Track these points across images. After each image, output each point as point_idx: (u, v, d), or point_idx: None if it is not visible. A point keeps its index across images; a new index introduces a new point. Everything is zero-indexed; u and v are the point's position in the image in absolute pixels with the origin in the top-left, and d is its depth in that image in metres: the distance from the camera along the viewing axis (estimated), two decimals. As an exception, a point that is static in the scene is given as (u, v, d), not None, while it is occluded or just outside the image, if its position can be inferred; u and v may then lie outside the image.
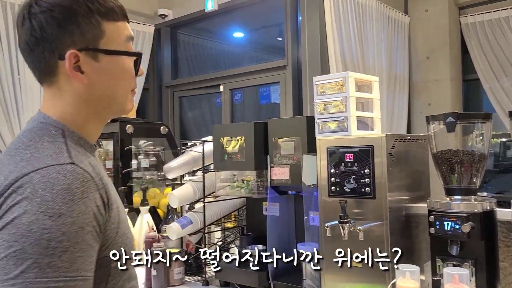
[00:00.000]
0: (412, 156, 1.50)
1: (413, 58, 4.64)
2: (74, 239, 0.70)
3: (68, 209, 0.70)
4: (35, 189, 0.71)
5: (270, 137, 1.63)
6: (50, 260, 0.68)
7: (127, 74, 0.88)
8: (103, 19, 0.84)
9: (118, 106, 0.90)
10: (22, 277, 0.67)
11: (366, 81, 1.50)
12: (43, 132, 0.82)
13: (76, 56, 0.81)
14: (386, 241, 1.35)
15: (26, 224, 0.68)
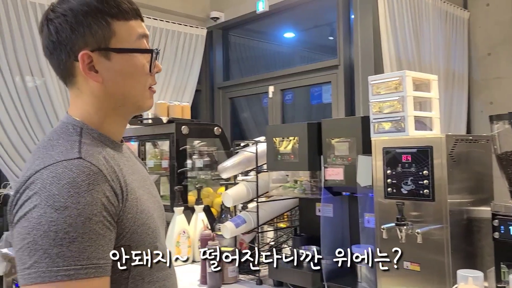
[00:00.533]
0: (473, 157, 1.43)
1: (473, 55, 4.43)
2: (82, 229, 0.74)
3: (73, 201, 0.74)
4: (44, 184, 0.75)
5: (324, 137, 1.62)
6: (59, 250, 0.72)
7: (140, 71, 0.90)
8: (113, 19, 0.87)
9: (135, 104, 0.93)
10: (35, 267, 0.71)
11: (424, 80, 1.46)
12: (62, 130, 0.87)
13: (89, 56, 0.86)
14: (446, 245, 1.30)
15: (36, 218, 0.73)
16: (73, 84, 0.90)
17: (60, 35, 0.86)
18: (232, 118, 5.14)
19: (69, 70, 0.89)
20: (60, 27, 0.85)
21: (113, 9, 0.87)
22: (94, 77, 0.87)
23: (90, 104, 0.89)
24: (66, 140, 0.85)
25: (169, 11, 4.69)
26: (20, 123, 3.66)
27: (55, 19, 0.86)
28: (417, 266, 1.36)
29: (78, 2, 0.86)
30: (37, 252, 0.72)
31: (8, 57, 3.60)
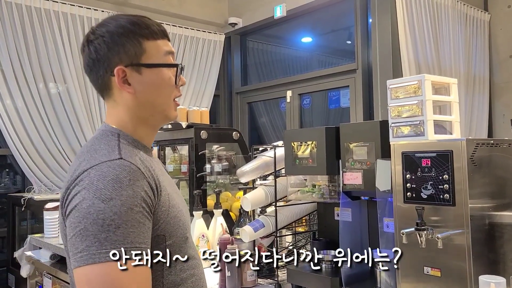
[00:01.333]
0: (495, 161, 1.41)
1: (494, 58, 4.36)
2: (125, 217, 0.84)
3: (117, 194, 0.85)
4: (91, 180, 0.87)
5: (342, 142, 1.62)
6: (107, 235, 0.82)
7: (166, 83, 1.02)
8: (144, 39, 1.00)
9: (161, 113, 1.04)
10: (87, 250, 0.82)
11: (444, 83, 1.45)
12: (102, 137, 1.00)
13: (124, 71, 0.98)
14: (468, 251, 1.28)
15: (85, 208, 0.84)
16: (110, 97, 1.03)
17: (99, 53, 0.98)
18: (250, 123, 5.16)
19: (106, 84, 1.01)
20: (98, 47, 0.98)
21: (144, 30, 1.00)
22: (128, 89, 0.99)
23: (124, 114, 1.02)
24: (107, 144, 0.97)
25: (189, 18, 4.76)
26: (44, 129, 3.76)
27: (94, 40, 0.99)
28: (437, 272, 1.34)
29: (114, 25, 1.00)
30: (88, 238, 0.82)
31: (32, 65, 3.70)
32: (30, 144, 3.69)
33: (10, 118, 3.61)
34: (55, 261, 2.65)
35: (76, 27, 3.93)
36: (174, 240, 0.98)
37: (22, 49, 3.65)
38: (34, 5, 3.71)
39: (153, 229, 0.92)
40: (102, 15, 4.07)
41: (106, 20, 1.03)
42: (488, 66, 4.32)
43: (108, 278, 0.82)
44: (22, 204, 3.31)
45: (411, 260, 1.40)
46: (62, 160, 3.83)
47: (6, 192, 3.88)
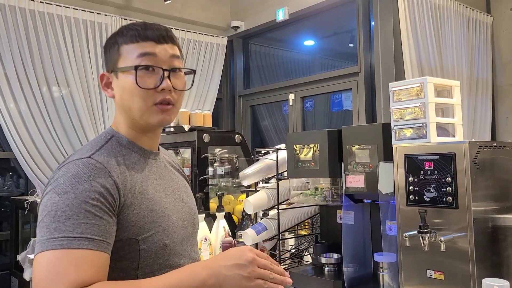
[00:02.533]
0: (498, 164, 1.41)
1: (497, 60, 4.35)
2: (77, 209, 0.87)
3: (73, 187, 0.89)
4: (57, 177, 0.92)
5: (345, 144, 1.61)
6: (57, 225, 0.85)
7: (133, 86, 0.99)
8: (122, 44, 1.01)
9: (141, 118, 1.01)
10: (39, 240, 0.86)
11: (446, 86, 1.44)
12: (97, 138, 1.05)
13: (105, 77, 1.05)
14: (471, 254, 1.28)
15: (44, 202, 0.90)
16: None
17: (103, 62, 1.09)
18: (252, 126, 5.16)
19: None
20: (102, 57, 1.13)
21: (123, 36, 1.02)
22: (109, 93, 1.05)
23: (118, 116, 1.07)
24: (92, 144, 1.01)
25: (191, 21, 4.77)
26: (47, 132, 3.77)
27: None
28: (441, 275, 1.34)
29: (110, 37, 1.06)
30: (42, 229, 0.87)
31: (36, 68, 3.72)
32: (33, 147, 3.70)
33: (13, 121, 3.62)
34: (58, 264, 2.64)
35: (80, 31, 3.94)
36: (149, 246, 0.95)
37: (25, 52, 3.66)
38: (38, 9, 3.73)
39: (122, 231, 0.92)
40: (105, 19, 4.09)
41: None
42: (491, 68, 4.31)
43: (50, 263, 0.83)
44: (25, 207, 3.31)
45: (414, 263, 1.40)
46: (65, 163, 3.84)
47: (9, 195, 3.89)
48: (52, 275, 0.81)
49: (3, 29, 3.58)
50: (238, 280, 0.85)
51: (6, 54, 3.59)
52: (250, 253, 0.88)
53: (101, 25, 4.06)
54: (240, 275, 0.85)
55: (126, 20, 4.23)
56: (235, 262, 0.86)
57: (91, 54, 4.00)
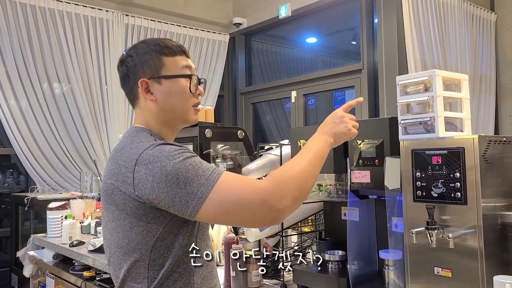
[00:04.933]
0: (508, 159, 1.38)
1: (501, 58, 4.32)
2: (196, 157, 1.08)
3: (176, 153, 1.05)
4: (152, 156, 1.04)
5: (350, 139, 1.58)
6: (198, 171, 1.03)
7: (182, 91, 1.20)
8: (163, 56, 1.19)
9: (181, 117, 1.22)
10: (199, 186, 1.00)
11: (454, 79, 1.42)
12: (137, 134, 1.17)
13: (146, 82, 1.17)
14: (480, 251, 1.25)
15: (170, 168, 1.01)
16: (137, 105, 1.22)
17: (129, 69, 1.20)
18: (254, 124, 5.13)
19: (134, 95, 1.21)
20: (128, 64, 1.20)
21: (163, 48, 1.19)
22: (150, 97, 1.18)
23: (149, 118, 1.20)
24: (144, 137, 1.13)
25: (193, 18, 4.74)
26: (48, 129, 3.74)
27: (126, 59, 1.21)
28: (448, 272, 1.31)
29: (141, 46, 1.21)
30: (194, 179, 1.02)
31: (37, 65, 3.69)
32: (34, 144, 3.68)
33: (14, 118, 3.60)
34: (58, 261, 2.63)
35: (81, 26, 3.92)
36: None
37: (26, 49, 3.64)
38: (39, 4, 3.70)
39: None
40: (106, 15, 4.06)
41: (135, 45, 1.23)
42: (494, 66, 4.29)
43: (231, 178, 1.02)
44: (25, 203, 3.29)
45: (420, 261, 1.37)
46: (66, 160, 3.82)
47: (10, 191, 3.87)
48: (243, 180, 1.03)
49: (3, 25, 3.55)
50: (344, 129, 1.24)
51: (7, 50, 3.56)
52: (339, 112, 1.27)
53: (103, 21, 4.04)
54: (344, 127, 1.24)
55: (127, 17, 4.21)
56: (337, 121, 1.24)
57: (92, 50, 3.97)
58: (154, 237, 1.05)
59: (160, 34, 4.41)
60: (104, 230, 1.17)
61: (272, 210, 0.98)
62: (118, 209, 1.07)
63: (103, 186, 1.12)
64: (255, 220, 1.01)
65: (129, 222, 1.06)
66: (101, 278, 2.21)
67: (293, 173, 1.04)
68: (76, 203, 2.94)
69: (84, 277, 2.27)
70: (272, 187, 0.99)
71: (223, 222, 1.19)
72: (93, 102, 3.97)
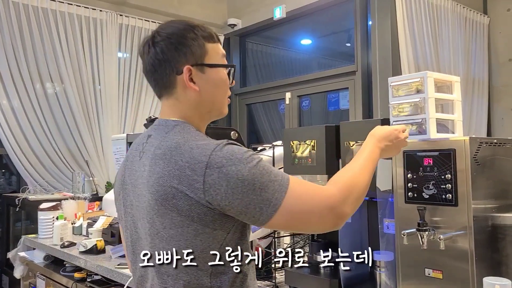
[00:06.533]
0: (498, 161, 1.39)
1: (493, 61, 4.35)
2: (265, 163, 1.02)
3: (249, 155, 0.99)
4: (227, 155, 0.94)
5: (342, 140, 1.59)
6: (271, 176, 0.96)
7: (224, 82, 1.11)
8: (206, 41, 1.07)
9: (218, 109, 1.13)
10: (273, 193, 0.95)
11: (446, 81, 1.42)
12: (186, 129, 1.04)
13: (190, 70, 1.05)
14: (471, 252, 1.25)
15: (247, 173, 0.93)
16: (171, 95, 1.08)
17: (166, 54, 1.04)
18: (248, 125, 5.13)
19: (171, 83, 1.06)
20: (166, 48, 1.04)
21: (205, 33, 1.08)
22: (193, 86, 1.05)
23: (188, 110, 1.08)
24: (198, 134, 1.03)
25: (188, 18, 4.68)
26: (40, 129, 3.72)
27: (161, 42, 1.05)
28: (439, 274, 1.31)
29: (179, 28, 1.07)
30: (268, 185, 0.95)
31: (29, 64, 3.67)
32: (26, 144, 3.65)
33: (6, 118, 3.57)
34: (48, 262, 2.61)
35: (74, 26, 3.90)
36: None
37: (19, 48, 3.61)
38: (32, 3, 3.68)
39: None
40: (100, 15, 4.04)
41: (168, 24, 1.10)
42: (487, 69, 4.31)
43: (302, 185, 0.98)
44: (16, 204, 3.27)
45: (412, 262, 1.37)
46: (58, 160, 3.79)
47: (1, 192, 3.84)
48: (311, 186, 1.01)
49: (-4, 24, 3.53)
50: (395, 152, 1.24)
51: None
52: (398, 133, 1.22)
53: (96, 21, 4.02)
54: (396, 151, 1.24)
55: (121, 17, 4.19)
56: (394, 141, 1.21)
57: (85, 50, 3.95)
58: (219, 243, 0.98)
59: (154, 35, 4.39)
60: (154, 239, 1.00)
61: (337, 216, 0.98)
62: (181, 215, 0.95)
63: (156, 189, 0.97)
64: (320, 227, 1.01)
65: (194, 229, 0.96)
66: (92, 279, 2.19)
67: (355, 181, 1.04)
68: (68, 204, 2.92)
69: (75, 279, 2.26)
70: (338, 194, 0.98)
71: (289, 229, 1.11)
72: (86, 102, 3.94)
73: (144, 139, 1.08)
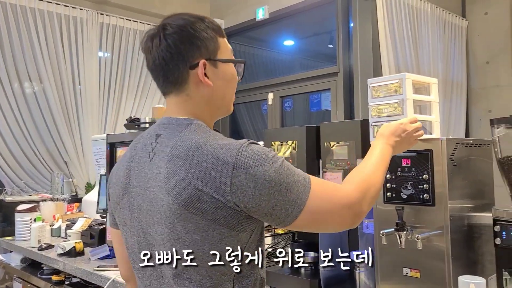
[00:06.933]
0: (474, 162, 1.42)
1: (471, 63, 4.43)
2: (289, 165, 0.99)
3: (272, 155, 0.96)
4: (251, 156, 0.91)
5: (323, 141, 1.60)
6: (295, 177, 0.94)
7: (235, 78, 1.08)
8: (217, 35, 1.03)
9: (227, 106, 1.09)
10: (297, 194, 0.93)
11: (424, 83, 1.44)
12: (201, 128, 0.99)
13: (205, 64, 1.00)
14: (447, 252, 1.28)
15: (273, 173, 0.91)
16: (182, 91, 1.02)
17: (179, 47, 0.99)
18: (231, 126, 5.12)
19: (183, 78, 1.00)
20: (179, 41, 0.99)
21: (215, 27, 1.04)
22: (207, 82, 1.00)
23: (198, 107, 1.03)
24: (216, 134, 0.98)
25: (169, 18, 4.70)
26: (18, 129, 3.64)
27: (174, 34, 0.99)
28: (417, 273, 1.33)
29: (191, 20, 1.01)
30: (293, 186, 0.93)
31: (7, 64, 3.59)
32: (3, 144, 3.57)
33: (-18, 118, 3.49)
34: (26, 265, 2.56)
35: (54, 25, 3.83)
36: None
37: (-4, 46, 3.54)
38: (10, 1, 3.60)
39: None
40: (80, 13, 3.98)
41: (176, 16, 1.03)
42: (465, 71, 4.40)
43: (323, 185, 0.97)
44: (-7, 206, 3.19)
45: (390, 261, 1.39)
46: (36, 161, 3.72)
47: (-23, 194, 3.75)
48: (330, 186, 0.99)
49: (-28, 21, 3.45)
50: (406, 145, 1.21)
51: (-24, 48, 3.46)
52: (407, 126, 1.21)
53: (76, 20, 3.96)
54: (407, 144, 1.21)
55: (102, 16, 4.14)
56: (403, 136, 1.19)
57: (65, 49, 3.89)
58: (242, 246, 0.95)
59: (136, 34, 4.36)
60: (174, 244, 0.94)
61: (355, 215, 0.97)
62: (206, 218, 0.91)
63: (178, 192, 0.91)
64: (339, 226, 1.00)
65: (219, 232, 0.92)
66: (71, 282, 2.16)
67: (370, 180, 1.04)
68: (46, 205, 2.87)
69: (53, 282, 2.22)
70: (355, 193, 0.98)
71: (310, 230, 1.06)
72: (66, 102, 3.88)
73: (152, 138, 1.01)
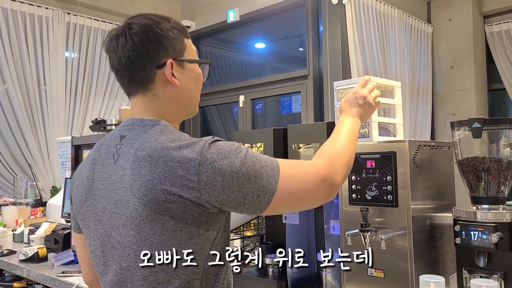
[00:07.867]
0: (436, 163, 1.45)
1: (437, 68, 4.56)
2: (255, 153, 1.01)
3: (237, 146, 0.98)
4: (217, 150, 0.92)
5: (290, 143, 1.61)
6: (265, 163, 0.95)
7: (199, 79, 1.08)
8: (183, 36, 1.04)
9: (193, 107, 1.09)
10: (268, 179, 0.93)
11: (388, 86, 1.47)
12: (167, 129, 0.98)
13: (172, 64, 1.00)
14: (409, 252, 1.30)
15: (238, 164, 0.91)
16: (149, 90, 1.01)
17: (146, 46, 0.98)
18: (202, 128, 5.09)
19: (150, 77, 1.00)
20: (146, 40, 0.98)
21: (181, 28, 1.05)
22: (175, 81, 1.00)
23: (165, 107, 1.02)
24: (182, 134, 0.98)
25: (138, 19, 4.63)
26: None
27: (140, 33, 0.98)
28: (381, 273, 1.36)
29: (156, 20, 1.01)
30: (261, 174, 0.92)
31: (-33, 62, 3.46)
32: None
33: None
34: (-14, 272, 2.46)
35: (18, 24, 3.71)
36: None
37: (-45, 45, 3.40)
38: (-30, -2, 3.48)
39: None
40: (46, 13, 3.88)
41: (141, 15, 1.03)
42: (431, 75, 4.52)
43: (291, 165, 0.97)
44: (-49, 211, 3.06)
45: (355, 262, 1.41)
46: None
47: None
48: (299, 164, 1.02)
49: None
50: (369, 108, 1.20)
51: None
52: (361, 91, 1.19)
53: (41, 19, 3.85)
54: (368, 107, 1.20)
55: (69, 15, 4.04)
56: (361, 102, 1.18)
57: (30, 49, 3.77)
58: (210, 244, 0.94)
59: (104, 35, 4.27)
60: (141, 246, 0.93)
61: (330, 186, 0.97)
62: (174, 218, 0.90)
63: (144, 193, 0.90)
64: (316, 200, 0.99)
65: (188, 232, 0.91)
66: (33, 289, 2.09)
67: (338, 151, 1.04)
68: (8, 210, 2.77)
69: (14, 289, 2.15)
70: (326, 164, 0.98)
71: (287, 210, 1.06)
72: (30, 104, 3.76)
73: (117, 140, 1.00)
